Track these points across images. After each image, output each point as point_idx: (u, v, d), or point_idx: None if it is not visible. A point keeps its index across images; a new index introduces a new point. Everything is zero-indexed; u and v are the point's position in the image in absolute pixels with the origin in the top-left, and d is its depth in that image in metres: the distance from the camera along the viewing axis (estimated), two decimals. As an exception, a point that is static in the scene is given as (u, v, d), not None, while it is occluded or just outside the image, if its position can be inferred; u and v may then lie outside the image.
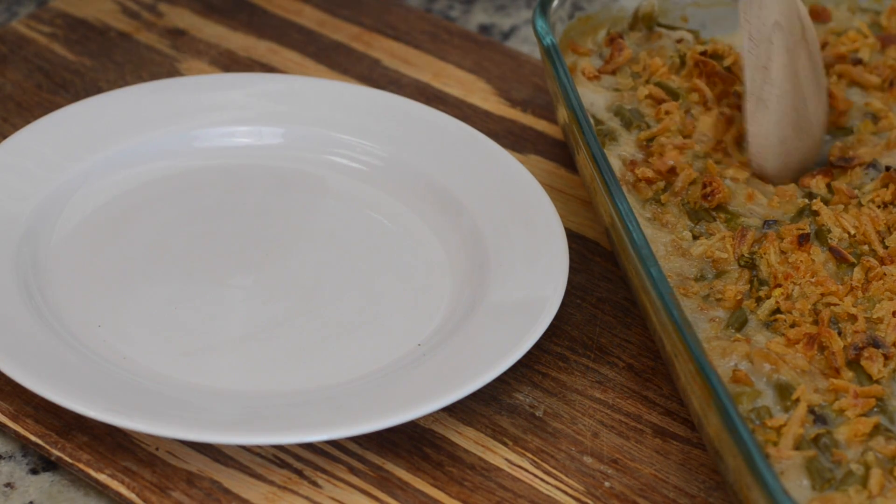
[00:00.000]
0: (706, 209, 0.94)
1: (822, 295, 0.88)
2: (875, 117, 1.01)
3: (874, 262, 0.89)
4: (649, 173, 0.95)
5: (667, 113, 0.99)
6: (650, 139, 0.98)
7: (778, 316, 0.87)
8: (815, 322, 0.87)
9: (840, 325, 0.86)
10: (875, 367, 0.84)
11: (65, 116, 1.01)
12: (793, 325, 0.86)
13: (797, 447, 0.81)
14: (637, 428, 0.89)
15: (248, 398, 0.86)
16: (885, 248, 0.91)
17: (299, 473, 0.85)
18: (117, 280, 0.93)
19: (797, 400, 0.82)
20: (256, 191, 1.00)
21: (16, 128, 1.05)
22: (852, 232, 0.91)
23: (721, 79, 1.02)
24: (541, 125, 1.10)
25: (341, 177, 1.02)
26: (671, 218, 0.94)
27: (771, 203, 0.95)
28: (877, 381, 0.84)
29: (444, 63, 1.14)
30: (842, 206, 0.93)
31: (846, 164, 0.96)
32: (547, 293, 0.90)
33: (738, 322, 0.87)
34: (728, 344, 0.86)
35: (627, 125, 0.99)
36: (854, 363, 0.85)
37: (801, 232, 0.91)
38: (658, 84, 1.02)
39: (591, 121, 0.96)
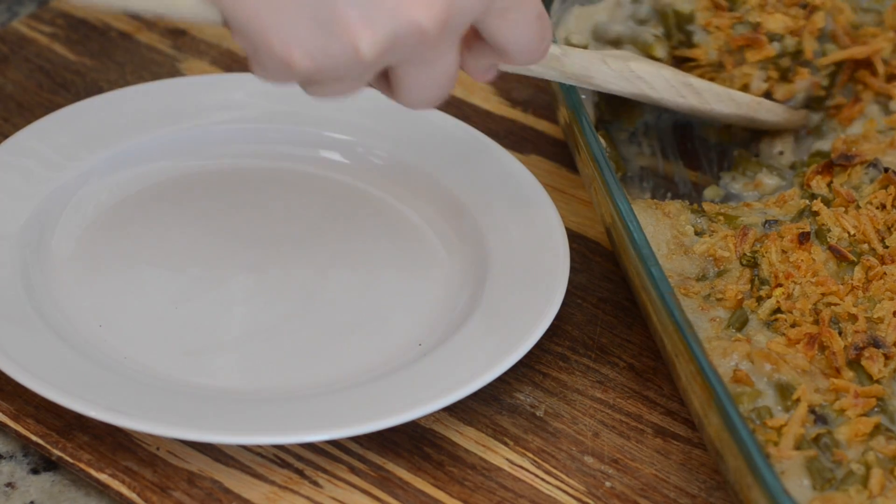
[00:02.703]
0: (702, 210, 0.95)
1: (823, 295, 0.88)
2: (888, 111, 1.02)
3: (874, 261, 0.89)
4: None
5: (717, 28, 0.99)
6: (683, 60, 0.98)
7: (779, 316, 0.87)
8: (816, 322, 0.87)
9: (840, 324, 0.86)
10: (875, 366, 0.84)
11: (66, 116, 1.01)
12: (793, 325, 0.86)
13: (798, 447, 0.81)
14: (638, 428, 0.89)
15: (248, 398, 0.86)
16: (885, 247, 0.90)
17: (300, 473, 0.85)
18: (118, 279, 0.93)
19: (798, 400, 0.82)
20: (256, 191, 1.00)
21: (17, 127, 1.05)
22: (852, 231, 0.91)
23: None
24: (541, 125, 1.10)
25: (341, 177, 1.01)
26: (673, 209, 0.94)
27: (767, 204, 0.96)
28: (877, 381, 0.84)
29: (445, 63, 1.14)
30: (842, 209, 0.93)
31: (846, 163, 0.96)
32: (547, 293, 0.90)
33: (739, 322, 0.87)
34: (729, 344, 0.86)
35: (668, 34, 0.99)
36: (854, 363, 0.85)
37: (801, 231, 0.91)
38: None
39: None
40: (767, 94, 1.02)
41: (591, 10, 1.04)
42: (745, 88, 1.01)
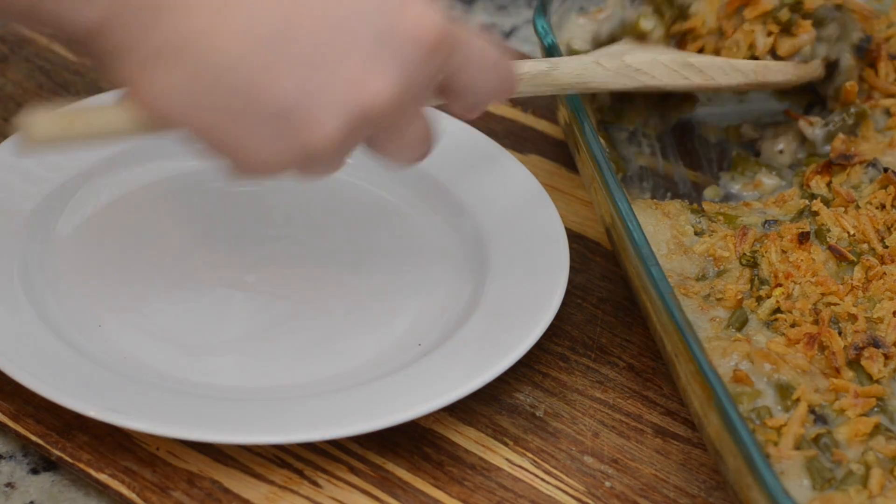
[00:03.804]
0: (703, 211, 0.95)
1: (823, 294, 0.88)
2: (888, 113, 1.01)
3: (874, 261, 0.89)
4: None
5: None
6: (682, 35, 0.98)
7: (778, 315, 0.87)
8: (816, 322, 0.87)
9: (840, 324, 0.86)
10: (875, 366, 0.84)
11: (65, 116, 1.01)
12: (793, 325, 0.86)
13: (797, 447, 0.81)
14: (637, 428, 0.89)
15: (248, 398, 0.86)
16: (885, 247, 0.90)
17: (300, 473, 0.85)
18: (117, 280, 0.93)
19: (797, 400, 0.82)
20: (256, 191, 1.00)
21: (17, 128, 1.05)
22: (851, 231, 0.91)
23: None
24: (541, 125, 1.10)
25: (341, 176, 1.01)
26: (672, 209, 0.94)
27: (766, 204, 0.96)
28: (877, 381, 0.84)
29: (445, 63, 1.14)
30: (842, 209, 0.93)
31: (845, 162, 0.96)
32: (547, 293, 0.90)
33: (739, 322, 0.87)
34: (728, 344, 0.86)
35: (658, 11, 0.99)
36: (854, 363, 0.84)
37: (800, 230, 0.91)
38: None
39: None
40: (773, 52, 1.00)
41: (592, 19, 1.04)
42: (751, 48, 0.99)
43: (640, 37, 1.00)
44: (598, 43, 1.03)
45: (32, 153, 0.75)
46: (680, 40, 1.01)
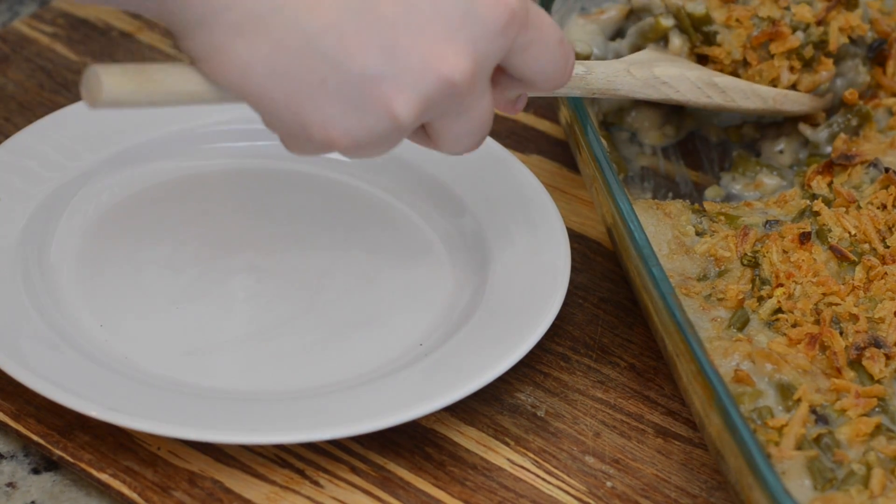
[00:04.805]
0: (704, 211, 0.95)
1: (824, 295, 0.88)
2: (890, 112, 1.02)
3: (875, 261, 0.89)
4: None
5: (737, 21, 0.99)
6: (704, 56, 0.99)
7: (780, 315, 0.87)
8: (817, 322, 0.87)
9: (841, 324, 0.86)
10: (876, 366, 0.84)
11: (67, 116, 1.01)
12: (794, 325, 0.86)
13: (799, 447, 0.81)
14: (639, 428, 0.89)
15: (249, 398, 0.86)
16: (886, 247, 0.90)
17: (301, 473, 0.85)
18: (119, 280, 0.93)
19: (799, 400, 0.82)
20: (257, 191, 1.00)
21: (18, 127, 1.05)
22: (853, 231, 0.91)
23: None
24: (543, 125, 1.10)
25: (342, 177, 1.02)
26: (674, 209, 0.94)
27: (768, 204, 0.96)
28: (878, 381, 0.84)
29: (446, 63, 1.14)
30: (843, 210, 0.93)
31: (846, 162, 0.96)
32: (548, 293, 0.90)
33: (740, 322, 0.87)
34: (730, 344, 0.86)
35: (684, 29, 0.99)
36: (855, 363, 0.84)
37: (802, 230, 0.91)
38: None
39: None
40: (793, 87, 1.01)
41: (594, 20, 1.04)
42: (774, 82, 1.00)
43: (662, 33, 1.00)
44: (620, 54, 1.03)
45: (99, 109, 0.74)
46: (700, 61, 1.01)
